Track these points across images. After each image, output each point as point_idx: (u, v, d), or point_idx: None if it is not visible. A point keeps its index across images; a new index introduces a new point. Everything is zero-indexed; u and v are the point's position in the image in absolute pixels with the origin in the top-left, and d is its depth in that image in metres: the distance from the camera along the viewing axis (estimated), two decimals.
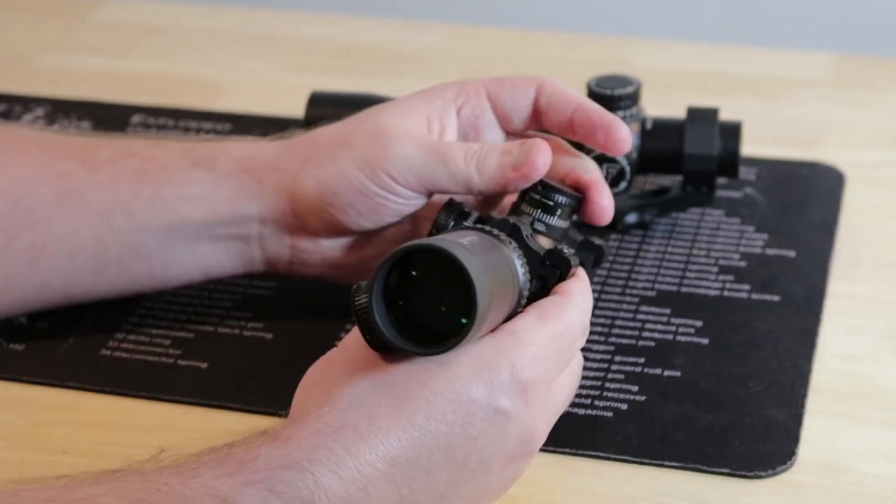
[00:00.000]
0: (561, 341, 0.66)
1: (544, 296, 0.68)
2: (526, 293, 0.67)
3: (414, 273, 0.61)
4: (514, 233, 0.69)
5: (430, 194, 0.77)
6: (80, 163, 0.80)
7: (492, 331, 0.65)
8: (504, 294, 0.64)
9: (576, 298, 0.68)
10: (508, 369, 0.63)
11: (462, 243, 0.62)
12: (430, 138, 0.77)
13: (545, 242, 0.72)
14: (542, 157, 0.73)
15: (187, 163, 0.80)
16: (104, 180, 0.80)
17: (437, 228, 0.74)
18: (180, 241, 0.80)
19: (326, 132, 0.80)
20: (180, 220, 0.79)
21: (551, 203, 0.73)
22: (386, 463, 0.60)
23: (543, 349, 0.65)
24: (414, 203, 0.77)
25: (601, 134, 0.76)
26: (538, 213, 0.73)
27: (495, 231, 0.67)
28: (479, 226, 0.69)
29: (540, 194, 0.73)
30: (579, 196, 0.74)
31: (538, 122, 0.79)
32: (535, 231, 0.72)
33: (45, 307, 0.82)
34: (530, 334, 0.65)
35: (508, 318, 0.66)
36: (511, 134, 0.80)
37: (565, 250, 0.70)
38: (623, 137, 0.76)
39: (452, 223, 0.73)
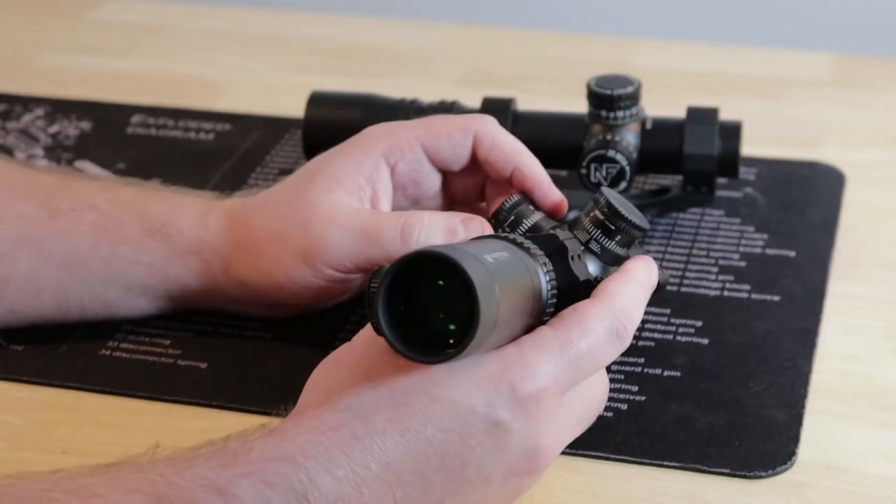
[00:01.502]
0: (574, 356, 0.65)
1: None
2: (548, 317, 0.66)
3: (441, 282, 0.61)
4: (559, 252, 0.68)
5: (364, 272, 0.77)
6: (41, 207, 0.81)
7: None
8: (520, 312, 0.64)
9: (603, 314, 0.67)
10: (509, 382, 0.63)
11: (482, 257, 0.61)
12: (360, 217, 0.77)
13: (593, 266, 0.72)
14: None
15: (142, 229, 0.81)
16: (63, 230, 0.81)
17: (497, 221, 0.75)
18: (139, 296, 0.82)
19: (261, 219, 0.80)
20: (138, 282, 0.81)
21: (612, 228, 0.72)
22: (380, 465, 0.60)
23: (551, 361, 0.64)
24: (353, 281, 0.79)
25: (538, 196, 0.78)
26: (597, 233, 0.72)
27: (532, 248, 0.67)
28: (513, 237, 0.68)
29: (605, 216, 0.72)
30: (645, 228, 0.73)
31: (477, 167, 0.80)
32: (589, 250, 0.72)
33: (19, 327, 0.83)
34: (536, 346, 0.64)
35: (535, 323, 0.65)
36: (451, 176, 0.81)
37: (600, 278, 0.69)
38: (556, 203, 0.78)
39: (513, 217, 0.75)
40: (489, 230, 0.76)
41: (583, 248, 0.72)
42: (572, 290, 0.68)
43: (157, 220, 0.81)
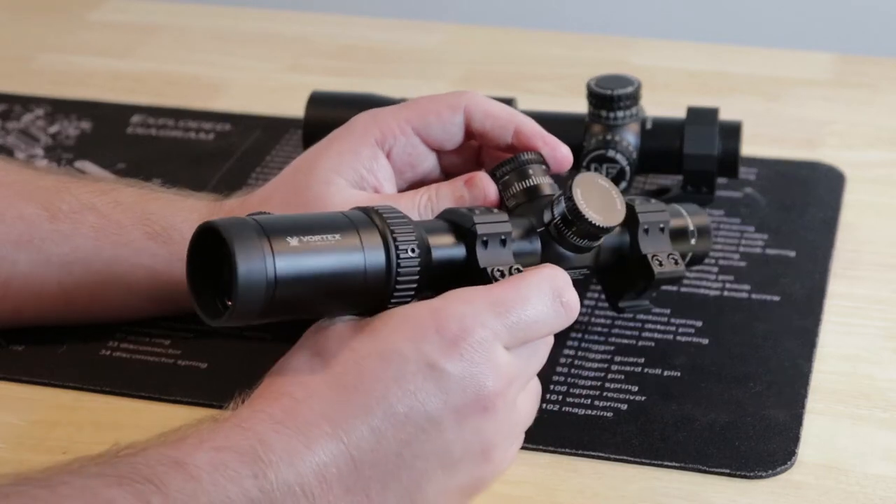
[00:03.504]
0: (505, 308, 0.66)
1: None
2: (405, 287, 0.67)
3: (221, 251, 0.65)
4: (467, 236, 0.70)
5: None
6: (41, 208, 0.81)
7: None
8: (335, 288, 0.65)
9: (535, 278, 0.68)
10: (434, 326, 0.64)
11: (270, 224, 0.64)
12: (374, 197, 0.77)
13: (553, 251, 0.73)
14: (491, 191, 0.76)
15: (143, 232, 0.81)
16: (64, 231, 0.81)
17: (494, 178, 0.76)
18: (142, 298, 0.82)
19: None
20: (140, 285, 0.81)
21: (569, 218, 0.72)
22: (327, 422, 0.62)
23: (477, 308, 0.65)
24: None
25: (546, 151, 0.78)
26: (558, 219, 0.72)
27: (399, 227, 0.67)
28: (375, 208, 0.69)
29: (566, 205, 0.72)
30: (604, 227, 0.72)
31: (472, 141, 0.81)
32: (548, 232, 0.73)
33: (24, 327, 0.83)
34: (462, 294, 0.66)
35: (375, 306, 0.67)
36: (445, 154, 0.81)
37: (498, 271, 0.69)
38: (565, 156, 0.78)
39: (507, 177, 0.76)
40: (492, 188, 0.76)
41: (542, 228, 0.73)
42: (468, 273, 0.70)
43: (157, 223, 0.81)
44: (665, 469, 0.72)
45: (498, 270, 0.69)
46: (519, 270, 0.69)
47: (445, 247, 0.70)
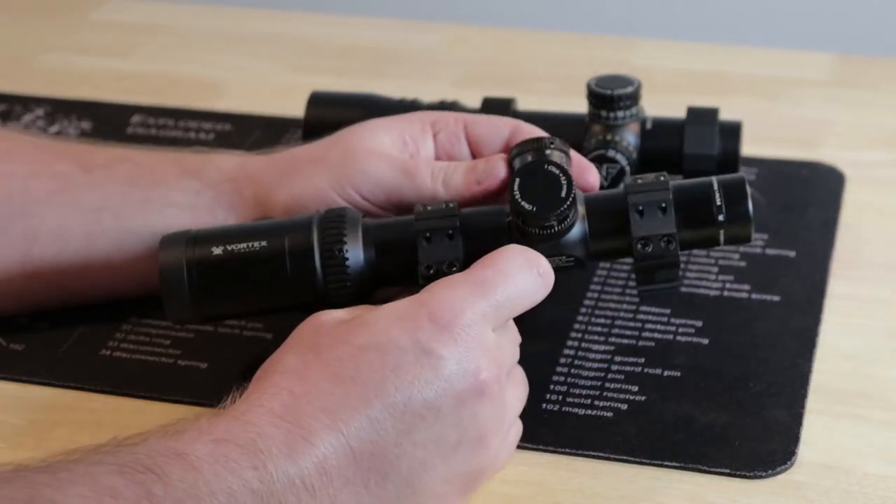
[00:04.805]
0: (489, 287, 0.67)
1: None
2: (338, 286, 0.73)
3: None
4: (409, 237, 0.74)
5: (397, 209, 0.79)
6: (75, 164, 0.83)
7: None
8: (253, 289, 0.74)
9: (508, 253, 0.69)
10: (427, 315, 0.65)
11: (207, 235, 0.74)
12: (400, 156, 0.79)
13: (547, 245, 0.73)
14: (504, 174, 0.77)
15: (178, 171, 0.82)
16: (97, 181, 0.82)
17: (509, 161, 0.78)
18: None
19: (305, 148, 0.83)
20: (165, 226, 0.81)
21: (511, 208, 0.73)
22: (326, 415, 0.62)
23: (463, 293, 0.66)
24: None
25: (576, 171, 0.79)
26: (511, 209, 0.73)
27: (332, 233, 0.73)
28: (316, 216, 0.75)
29: (511, 195, 0.73)
30: (539, 217, 0.72)
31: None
32: (516, 224, 0.73)
33: (38, 302, 0.83)
34: (445, 282, 0.67)
35: (317, 303, 0.73)
36: None
37: (426, 268, 0.73)
38: (595, 180, 0.80)
39: (520, 157, 0.77)
40: (502, 170, 0.78)
41: (509, 217, 0.74)
42: (410, 271, 0.74)
43: (193, 162, 0.83)
44: (665, 469, 0.72)
45: (426, 267, 0.73)
46: (453, 267, 0.72)
47: (398, 245, 0.74)
